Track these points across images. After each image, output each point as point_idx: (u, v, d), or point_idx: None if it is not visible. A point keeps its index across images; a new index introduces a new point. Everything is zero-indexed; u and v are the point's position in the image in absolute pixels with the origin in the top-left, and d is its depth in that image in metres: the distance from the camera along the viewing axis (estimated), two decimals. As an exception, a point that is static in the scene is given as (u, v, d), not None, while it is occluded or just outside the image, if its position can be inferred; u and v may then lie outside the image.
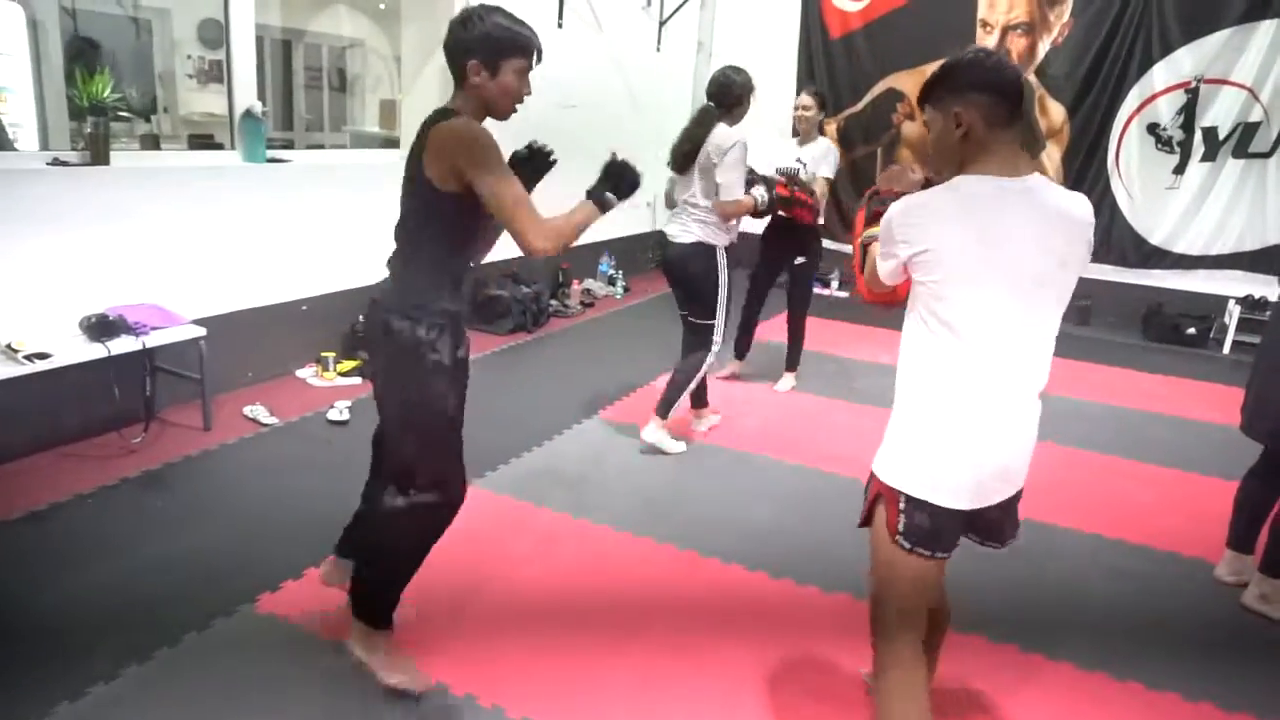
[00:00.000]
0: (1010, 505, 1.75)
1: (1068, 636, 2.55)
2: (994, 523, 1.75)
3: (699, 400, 4.02)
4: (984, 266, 1.55)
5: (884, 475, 1.68)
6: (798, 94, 4.61)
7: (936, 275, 1.57)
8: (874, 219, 1.85)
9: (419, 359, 1.95)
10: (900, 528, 1.64)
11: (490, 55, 1.85)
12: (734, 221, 3.65)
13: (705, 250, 3.59)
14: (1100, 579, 2.92)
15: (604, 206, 2.04)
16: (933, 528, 1.63)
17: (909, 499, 1.63)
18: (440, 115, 1.91)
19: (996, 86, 1.57)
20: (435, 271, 1.98)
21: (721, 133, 3.50)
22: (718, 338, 3.69)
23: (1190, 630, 2.67)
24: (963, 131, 1.58)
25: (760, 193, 3.68)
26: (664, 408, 3.72)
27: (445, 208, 1.90)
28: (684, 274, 3.67)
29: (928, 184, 1.78)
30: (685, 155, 3.55)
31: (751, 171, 3.76)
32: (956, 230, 1.55)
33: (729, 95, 3.57)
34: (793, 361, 4.77)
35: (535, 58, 1.92)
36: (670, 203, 3.76)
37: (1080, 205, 1.62)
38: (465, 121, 1.86)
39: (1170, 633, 2.64)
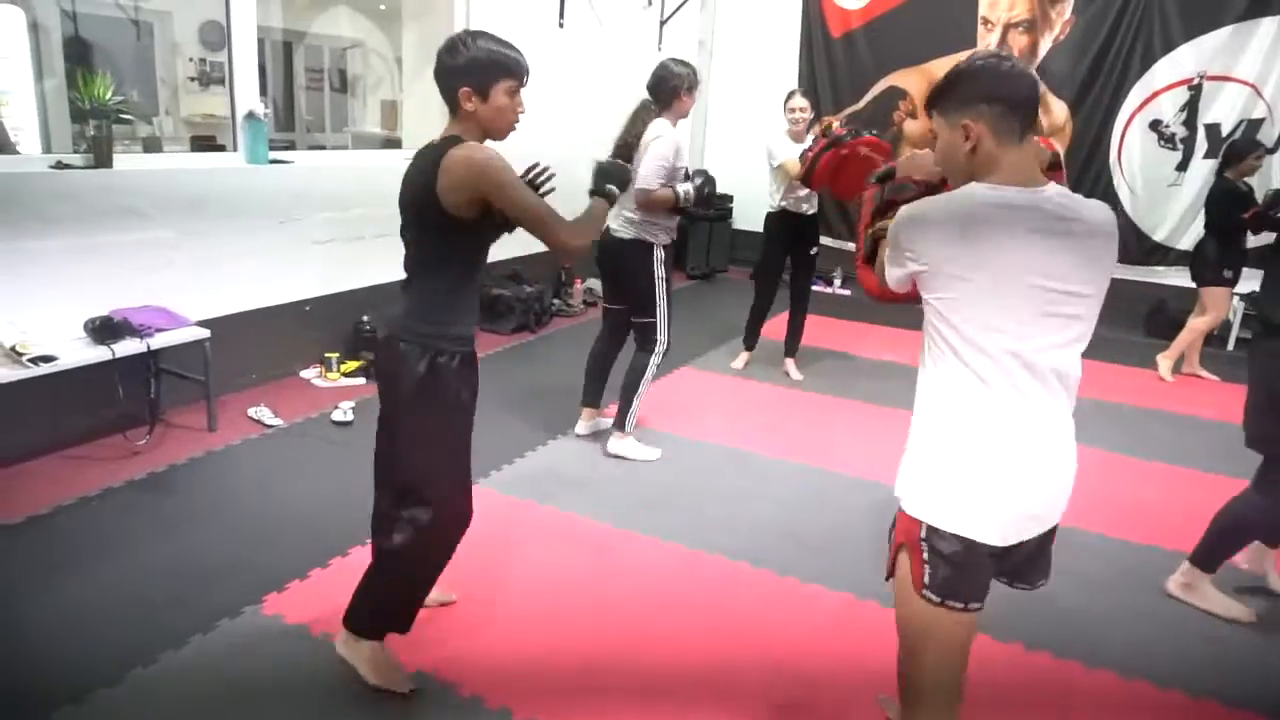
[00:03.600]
0: (1044, 542, 1.62)
1: (1078, 635, 2.55)
2: (1025, 560, 1.61)
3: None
4: (982, 289, 1.41)
5: (910, 505, 1.53)
6: (789, 96, 4.61)
7: (937, 294, 1.46)
8: (887, 208, 1.73)
9: (438, 387, 1.97)
10: (926, 579, 1.49)
11: (480, 80, 1.86)
12: (671, 219, 3.55)
13: (641, 246, 3.50)
14: (1105, 578, 2.92)
15: (610, 201, 2.13)
16: (960, 568, 1.48)
17: (932, 543, 1.48)
18: (448, 143, 1.86)
19: (1008, 98, 1.43)
20: (454, 295, 1.99)
21: (653, 127, 3.44)
22: (661, 337, 3.59)
23: (1201, 629, 2.67)
24: (971, 145, 1.46)
25: (686, 189, 3.45)
26: (620, 418, 3.66)
27: (464, 235, 1.91)
28: (618, 267, 3.60)
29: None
30: (619, 151, 3.44)
31: (688, 173, 3.56)
32: (954, 249, 1.42)
33: (664, 89, 3.46)
34: (792, 348, 4.95)
35: (524, 78, 1.93)
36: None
37: (1098, 213, 1.48)
38: (475, 147, 1.86)
39: (1179, 631, 2.64)
